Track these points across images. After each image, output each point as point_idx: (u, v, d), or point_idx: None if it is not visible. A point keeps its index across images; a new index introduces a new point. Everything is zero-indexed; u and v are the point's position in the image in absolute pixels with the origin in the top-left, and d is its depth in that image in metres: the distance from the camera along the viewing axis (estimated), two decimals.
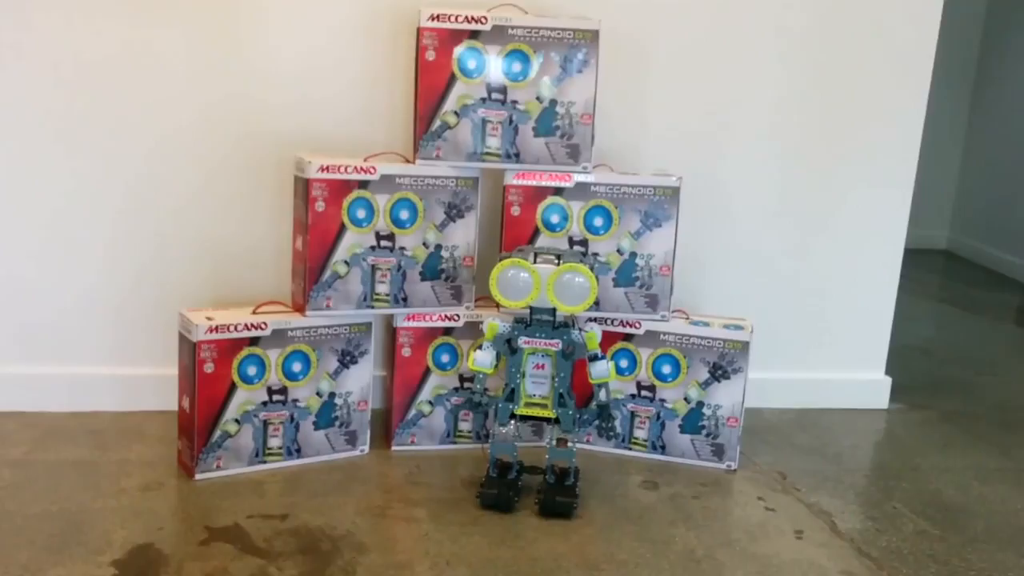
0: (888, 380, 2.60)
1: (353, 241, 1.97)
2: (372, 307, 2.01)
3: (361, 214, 1.96)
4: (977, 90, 4.72)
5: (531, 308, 1.86)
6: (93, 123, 2.09)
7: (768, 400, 2.44)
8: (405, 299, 2.03)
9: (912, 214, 2.53)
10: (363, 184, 1.95)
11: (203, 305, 2.13)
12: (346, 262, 1.97)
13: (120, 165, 2.12)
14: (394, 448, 2.11)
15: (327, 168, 1.92)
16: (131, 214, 2.14)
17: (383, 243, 1.99)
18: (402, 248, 2.01)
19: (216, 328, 1.86)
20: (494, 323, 1.87)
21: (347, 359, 2.02)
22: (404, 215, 2.00)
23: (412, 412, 2.10)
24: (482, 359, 1.88)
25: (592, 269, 1.84)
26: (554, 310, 1.85)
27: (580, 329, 1.87)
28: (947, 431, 2.48)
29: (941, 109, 3.58)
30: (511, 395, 1.88)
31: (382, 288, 2.01)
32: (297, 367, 1.96)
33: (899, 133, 2.46)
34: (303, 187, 1.94)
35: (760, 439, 2.30)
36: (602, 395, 1.89)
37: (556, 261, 1.85)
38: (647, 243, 2.08)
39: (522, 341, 1.86)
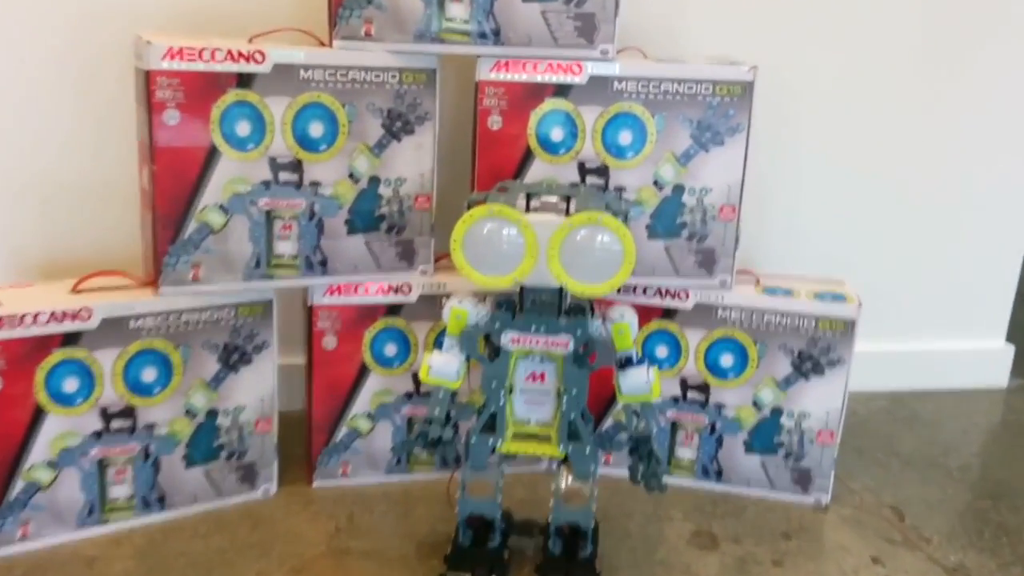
0: (1010, 349, 1.90)
1: (232, 173, 1.22)
2: (270, 277, 1.28)
3: (243, 129, 1.21)
4: None
5: (522, 287, 1.12)
6: None
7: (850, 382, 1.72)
8: (324, 263, 1.30)
9: None
10: (245, 80, 1.20)
11: (25, 276, 1.40)
12: (222, 207, 1.23)
13: None
14: (317, 484, 1.40)
15: (179, 53, 1.16)
16: None
17: (283, 176, 1.25)
18: (315, 184, 1.27)
19: (1, 321, 1.13)
20: (461, 307, 1.14)
21: (233, 359, 1.29)
22: (316, 130, 1.25)
23: (342, 431, 1.38)
24: (442, 366, 1.15)
25: (625, 219, 1.10)
26: (561, 290, 1.12)
27: (603, 317, 1.14)
28: None
29: None
30: (491, 423, 1.16)
31: (285, 247, 1.27)
32: (149, 375, 1.23)
33: None
34: (144, 86, 1.18)
35: (851, 446, 1.60)
36: (639, 422, 1.17)
37: (564, 207, 1.11)
38: (701, 171, 1.34)
39: (508, 338, 1.13)
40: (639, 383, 1.14)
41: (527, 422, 1.18)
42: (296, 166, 1.25)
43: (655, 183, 1.34)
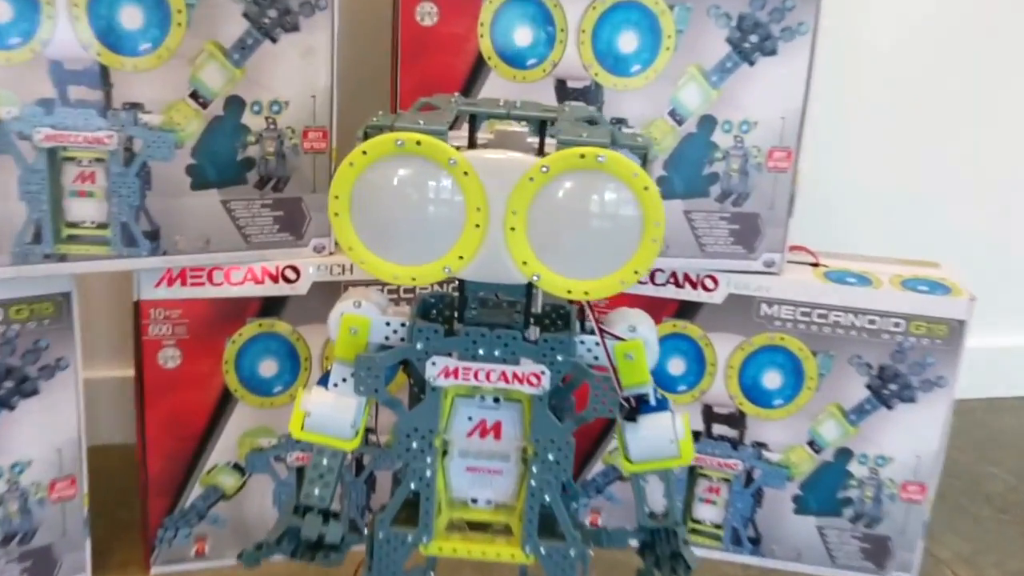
0: None
1: None
2: (62, 257, 0.80)
3: (2, 14, 0.73)
4: None
5: (462, 281, 0.65)
6: None
7: None
8: (154, 234, 0.82)
9: None
10: None
11: None
12: None
13: None
14: (157, 571, 0.93)
15: None
16: None
17: (76, 91, 0.77)
18: (134, 106, 0.79)
19: None
20: (358, 315, 0.67)
21: (6, 389, 0.81)
22: (131, 18, 0.77)
23: (195, 492, 0.91)
24: (327, 413, 0.68)
25: (643, 162, 0.63)
26: (529, 286, 0.65)
27: (601, 331, 0.67)
28: None
29: None
30: (410, 506, 0.69)
31: (86, 209, 0.80)
32: None
33: None
34: None
35: None
36: (655, 499, 0.71)
37: (537, 143, 0.64)
38: (741, 94, 0.88)
39: (438, 370, 0.66)
40: (660, 440, 0.68)
41: (473, 504, 0.71)
42: (99, 76, 0.77)
43: (672, 113, 0.87)
